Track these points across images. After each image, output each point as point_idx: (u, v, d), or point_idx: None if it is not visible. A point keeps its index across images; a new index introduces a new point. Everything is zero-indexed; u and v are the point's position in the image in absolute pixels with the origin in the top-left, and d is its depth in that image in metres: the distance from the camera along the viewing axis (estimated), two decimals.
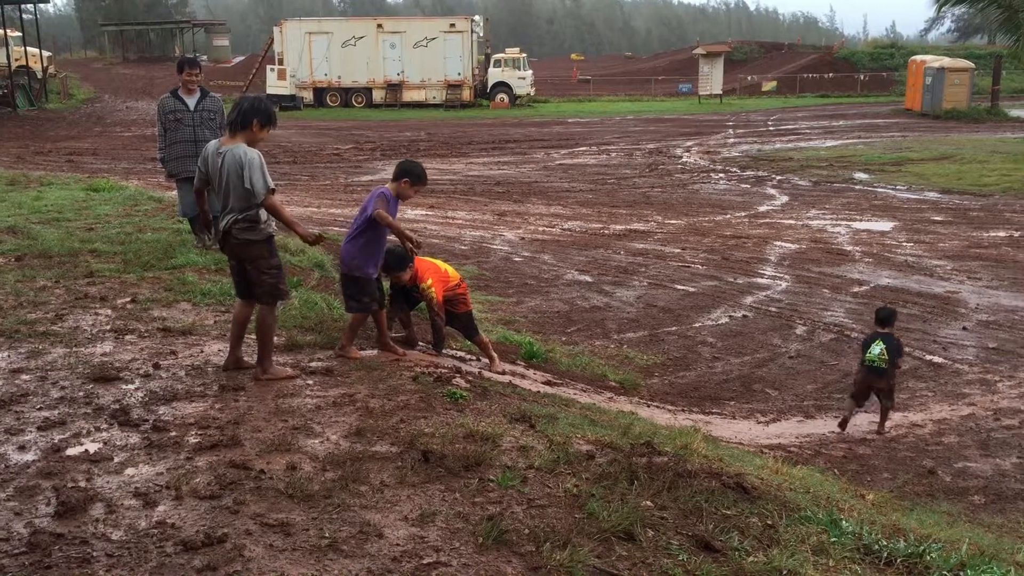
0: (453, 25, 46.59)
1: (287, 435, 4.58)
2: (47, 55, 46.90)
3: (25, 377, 5.44)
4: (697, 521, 3.86)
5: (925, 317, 10.56)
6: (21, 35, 43.28)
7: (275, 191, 5.55)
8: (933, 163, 24.04)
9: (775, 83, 56.70)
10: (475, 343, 7.38)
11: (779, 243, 14.63)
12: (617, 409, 6.78)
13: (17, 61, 41.69)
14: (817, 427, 7.77)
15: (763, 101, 51.12)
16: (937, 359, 9.29)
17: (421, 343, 7.22)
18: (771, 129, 35.16)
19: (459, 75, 45.83)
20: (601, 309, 10.87)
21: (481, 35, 49.36)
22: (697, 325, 10.34)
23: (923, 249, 14.23)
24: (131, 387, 5.33)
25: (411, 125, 37.03)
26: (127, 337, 6.36)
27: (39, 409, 4.90)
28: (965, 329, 10.19)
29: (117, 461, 4.23)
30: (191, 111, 9.28)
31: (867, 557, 3.75)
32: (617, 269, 12.80)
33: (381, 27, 46.69)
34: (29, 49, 43.64)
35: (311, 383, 5.55)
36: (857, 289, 11.89)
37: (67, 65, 58.22)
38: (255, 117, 5.53)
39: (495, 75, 47.52)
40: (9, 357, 5.83)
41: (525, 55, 50.00)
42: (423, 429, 4.69)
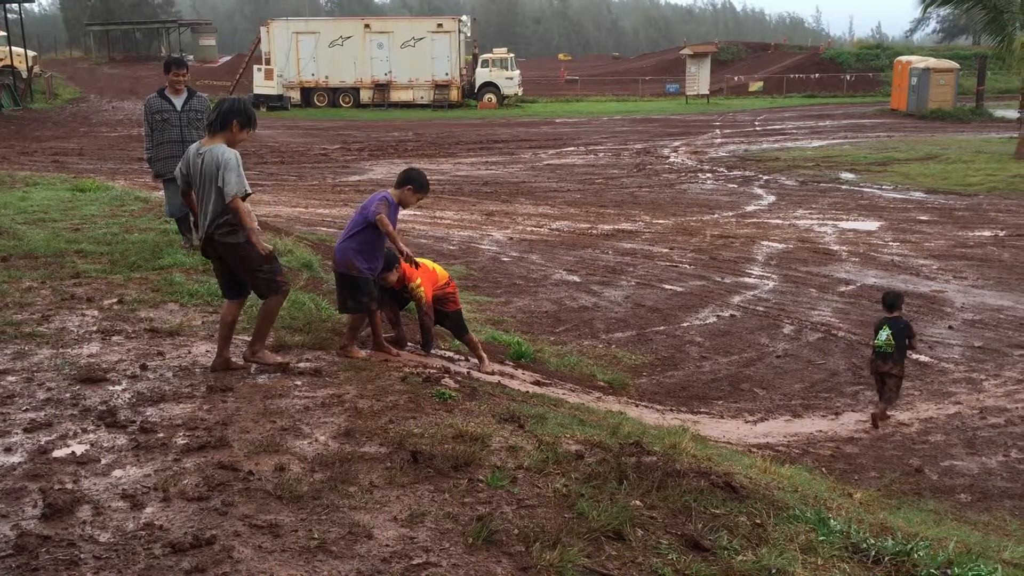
0: (441, 25, 46.54)
1: (276, 436, 4.56)
2: (32, 55, 46.58)
3: (11, 378, 5.40)
4: (686, 520, 3.87)
5: (911, 316, 10.56)
6: (6, 35, 42.91)
7: (249, 195, 5.52)
8: (919, 163, 24.18)
9: (762, 83, 56.88)
10: (464, 342, 7.38)
11: (766, 243, 14.68)
12: (606, 409, 6.80)
13: (1, 61, 41.38)
14: (805, 426, 7.81)
15: (750, 101, 51.27)
16: (923, 358, 9.34)
17: (410, 343, 7.21)
18: (758, 129, 35.27)
19: (447, 75, 45.80)
20: (589, 309, 10.88)
21: (469, 35, 49.35)
22: (685, 325, 10.36)
23: (909, 249, 14.30)
24: (118, 388, 5.30)
25: (399, 125, 36.97)
26: (114, 338, 6.32)
27: (25, 411, 4.87)
28: (951, 328, 10.25)
29: (104, 463, 4.20)
30: (178, 111, 9.24)
31: (855, 555, 3.76)
32: (605, 269, 12.82)
33: (368, 27, 46.58)
34: (14, 49, 43.27)
35: (299, 384, 5.54)
36: (844, 289, 11.95)
37: (52, 65, 57.85)
38: (234, 118, 5.55)
39: (483, 75, 47.50)
40: None
41: (513, 55, 49.96)
42: (412, 429, 4.68)
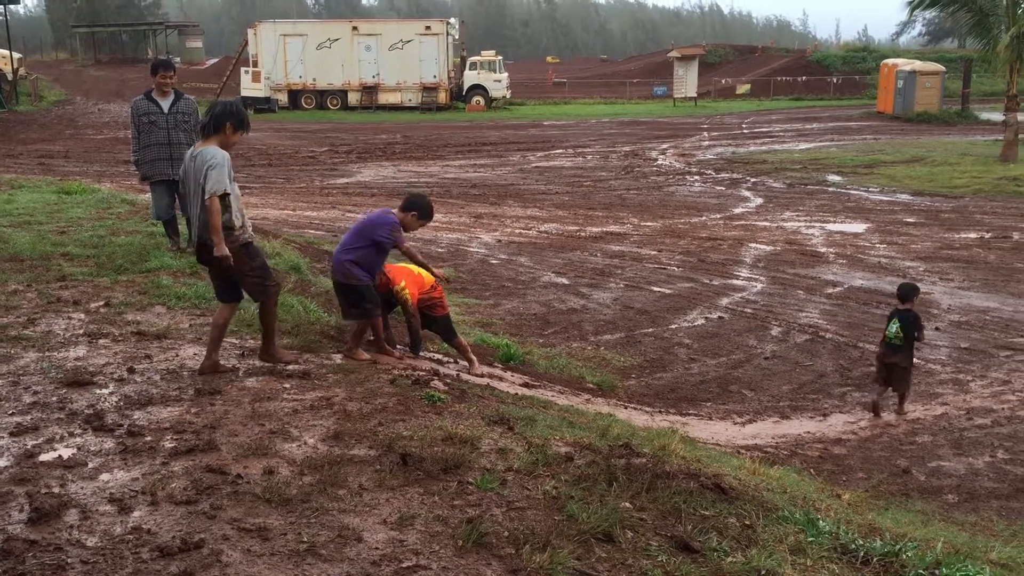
0: (428, 28, 46.53)
1: (264, 439, 4.55)
2: (17, 57, 46.28)
3: None
4: (676, 522, 3.87)
5: None
6: None
7: (227, 195, 5.51)
8: (905, 165, 24.31)
9: (749, 86, 57.14)
10: (453, 346, 7.38)
11: (754, 245, 14.73)
12: (595, 411, 6.80)
13: None
14: (793, 427, 7.83)
15: (737, 104, 51.46)
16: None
17: (400, 346, 7.20)
18: (745, 132, 35.40)
19: (435, 77, 45.82)
20: (578, 311, 10.89)
21: (456, 38, 49.38)
22: (673, 327, 10.38)
23: (896, 250, 14.37)
24: (105, 391, 5.27)
25: (387, 128, 36.93)
26: (101, 341, 6.29)
27: (11, 414, 4.83)
28: (938, 330, 10.29)
29: (91, 467, 4.18)
30: (165, 113, 9.20)
31: (844, 556, 3.78)
32: (594, 271, 12.83)
33: (356, 29, 46.54)
34: None
35: (288, 386, 5.52)
36: (831, 290, 11.99)
37: (38, 67, 57.53)
38: (227, 120, 5.58)
39: (471, 78, 47.54)
40: None
41: (500, 58, 50.03)
42: (401, 432, 4.67)
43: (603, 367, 8.91)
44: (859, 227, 16.42)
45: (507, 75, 49.64)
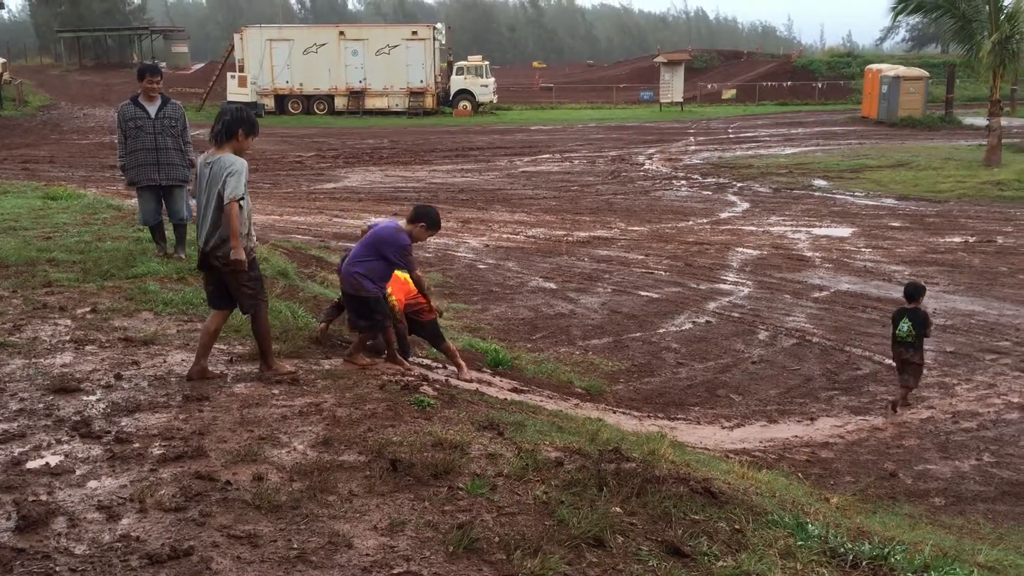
0: (415, 33, 46.50)
1: (253, 445, 4.53)
2: (1, 61, 46.13)
3: None
4: (666, 527, 3.88)
5: (884, 322, 10.68)
6: None
7: (243, 199, 5.54)
8: (890, 170, 24.45)
9: (735, 91, 57.31)
10: (442, 351, 7.38)
11: (741, 249, 14.78)
12: (584, 416, 6.80)
13: None
14: (780, 431, 7.86)
15: (723, 109, 51.65)
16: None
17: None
18: (731, 136, 35.54)
19: (422, 82, 45.80)
20: (566, 316, 10.90)
21: (443, 42, 49.39)
22: (661, 331, 10.41)
23: (881, 255, 14.46)
24: (92, 398, 5.24)
25: (374, 133, 36.90)
26: (88, 347, 6.25)
27: None
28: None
29: (79, 474, 4.15)
30: (152, 118, 9.17)
31: (833, 560, 3.79)
32: (581, 276, 12.85)
33: (343, 34, 46.46)
34: None
35: (277, 392, 5.50)
36: (817, 295, 12.05)
37: (22, 72, 57.24)
38: (240, 127, 5.63)
39: (458, 82, 47.56)
40: None
41: (487, 62, 50.08)
42: (391, 438, 4.67)
43: (591, 372, 8.93)
44: (845, 231, 16.51)
45: (494, 80, 49.69)
